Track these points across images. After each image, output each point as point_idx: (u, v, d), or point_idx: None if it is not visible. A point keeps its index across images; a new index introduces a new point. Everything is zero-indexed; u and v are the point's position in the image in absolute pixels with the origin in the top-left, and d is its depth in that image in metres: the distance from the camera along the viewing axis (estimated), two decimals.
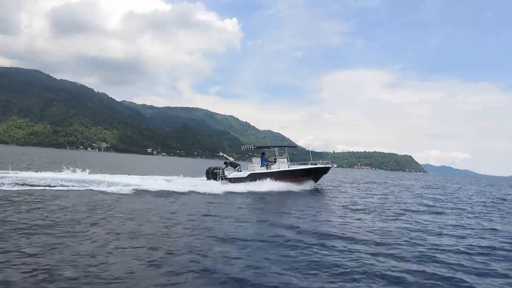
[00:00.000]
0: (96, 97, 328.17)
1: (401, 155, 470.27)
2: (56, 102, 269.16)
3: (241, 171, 21.66)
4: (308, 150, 26.39)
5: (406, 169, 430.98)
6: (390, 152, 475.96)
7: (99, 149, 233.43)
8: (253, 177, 21.12)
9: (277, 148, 23.80)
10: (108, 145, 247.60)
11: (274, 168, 22.43)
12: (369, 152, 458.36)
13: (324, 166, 24.70)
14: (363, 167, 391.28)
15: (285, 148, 24.77)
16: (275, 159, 23.14)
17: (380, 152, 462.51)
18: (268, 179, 21.01)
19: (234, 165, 22.37)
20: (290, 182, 22.01)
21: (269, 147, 24.65)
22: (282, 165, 22.84)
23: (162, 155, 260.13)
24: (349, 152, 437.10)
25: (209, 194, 17.39)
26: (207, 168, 22.48)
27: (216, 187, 18.99)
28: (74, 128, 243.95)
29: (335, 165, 24.85)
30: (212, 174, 21.74)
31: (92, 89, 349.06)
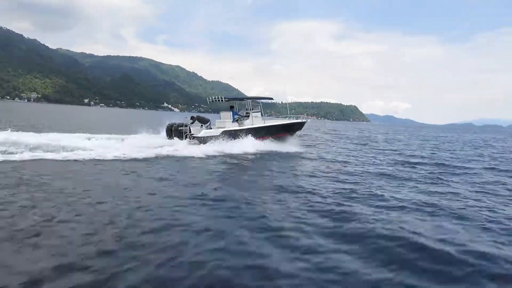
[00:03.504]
0: (26, 44, 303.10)
1: (346, 105, 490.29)
2: None
3: (211, 128, 18.52)
4: (286, 103, 23.78)
5: (351, 119, 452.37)
6: (336, 102, 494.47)
7: (29, 100, 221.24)
8: (228, 135, 17.86)
9: (250, 101, 20.60)
10: (39, 96, 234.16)
11: (248, 124, 19.43)
12: (316, 102, 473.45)
13: (300, 121, 22.51)
14: (310, 117, 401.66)
15: (259, 100, 21.51)
16: (247, 113, 20.16)
17: (326, 102, 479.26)
18: (250, 137, 18.15)
19: (204, 121, 18.95)
20: (268, 139, 19.47)
21: (242, 99, 21.16)
22: (257, 120, 19.92)
23: (100, 106, 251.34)
24: (296, 103, 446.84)
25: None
26: (168, 124, 18.75)
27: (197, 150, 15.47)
28: None
29: (310, 120, 25.55)
30: (175, 132, 18.09)
31: (22, 34, 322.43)
